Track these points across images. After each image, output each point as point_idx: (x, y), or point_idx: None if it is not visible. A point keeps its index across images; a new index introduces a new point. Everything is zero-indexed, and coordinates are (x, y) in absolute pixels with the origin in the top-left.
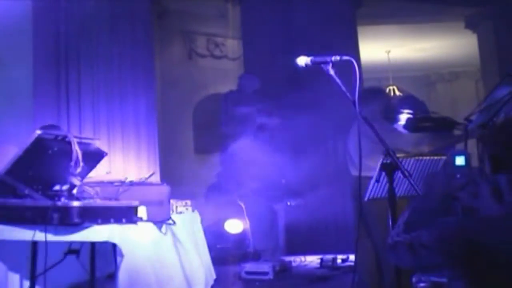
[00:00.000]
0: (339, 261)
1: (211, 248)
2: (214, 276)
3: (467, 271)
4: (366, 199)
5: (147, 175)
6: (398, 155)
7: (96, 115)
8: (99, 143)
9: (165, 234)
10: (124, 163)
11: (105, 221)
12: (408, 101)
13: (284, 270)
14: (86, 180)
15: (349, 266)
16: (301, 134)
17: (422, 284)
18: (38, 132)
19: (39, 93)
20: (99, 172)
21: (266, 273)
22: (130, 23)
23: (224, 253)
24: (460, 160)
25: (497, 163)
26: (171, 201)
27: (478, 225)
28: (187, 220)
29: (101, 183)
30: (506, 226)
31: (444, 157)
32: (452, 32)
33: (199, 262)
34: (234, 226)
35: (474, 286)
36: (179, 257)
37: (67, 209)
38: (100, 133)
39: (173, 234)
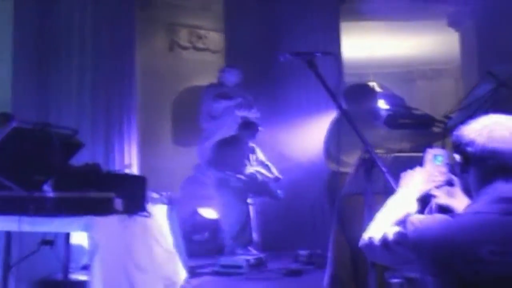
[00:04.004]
0: (314, 256)
1: (186, 240)
2: (187, 269)
3: (436, 268)
4: (343, 194)
5: (126, 167)
6: (377, 151)
7: (77, 106)
8: (78, 134)
9: (139, 226)
10: (105, 153)
11: (81, 212)
12: (388, 97)
13: (259, 264)
14: (66, 170)
15: (324, 261)
16: (280, 128)
17: (395, 280)
18: (15, 123)
19: (18, 84)
20: (79, 163)
21: (240, 267)
22: (112, 14)
23: (199, 245)
24: (437, 159)
25: (467, 162)
26: (148, 192)
27: (446, 223)
28: (162, 213)
29: (80, 174)
30: (470, 223)
31: (422, 154)
32: (435, 30)
33: (172, 254)
34: (208, 212)
35: (442, 282)
36: (152, 249)
37: (43, 200)
38: (82, 124)
39: (148, 227)
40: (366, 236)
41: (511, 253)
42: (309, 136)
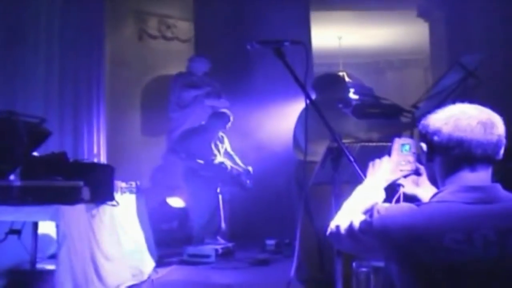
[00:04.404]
0: (281, 245)
1: (155, 229)
2: (155, 258)
3: (399, 255)
4: (311, 184)
5: (94, 156)
6: (345, 140)
7: (45, 95)
8: (46, 122)
9: (107, 215)
10: (73, 142)
11: (49, 201)
12: (357, 87)
13: (227, 253)
14: (33, 159)
15: (291, 251)
16: (248, 118)
17: (363, 269)
18: None
19: None
20: (47, 151)
21: (208, 256)
22: (81, 1)
23: (168, 235)
24: (405, 148)
25: (433, 151)
26: (116, 182)
27: (410, 211)
28: (130, 202)
29: (47, 163)
30: (434, 212)
31: (389, 144)
32: (405, 20)
33: (140, 244)
34: (176, 202)
35: (406, 270)
36: (120, 239)
37: (9, 188)
38: (49, 113)
39: (116, 216)
40: (333, 224)
41: (473, 241)
42: (277, 125)
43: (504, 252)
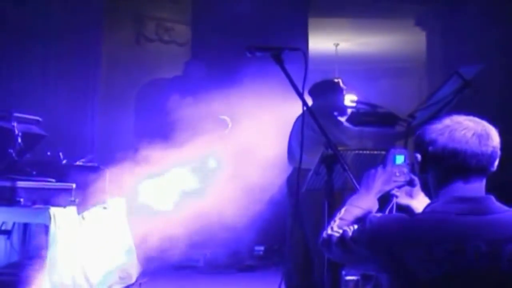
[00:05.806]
0: (270, 251)
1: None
2: (143, 262)
3: (390, 265)
4: (303, 190)
5: (87, 158)
6: (339, 148)
7: (41, 96)
8: (40, 124)
9: (97, 218)
10: (67, 144)
11: (41, 202)
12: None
13: (215, 259)
14: (26, 160)
15: (280, 257)
16: (244, 123)
17: (351, 277)
18: None
19: None
20: (40, 153)
21: (197, 261)
22: (79, 3)
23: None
24: (399, 159)
25: (427, 161)
26: (107, 184)
27: (402, 221)
28: (120, 205)
29: (40, 164)
30: (425, 222)
31: (383, 152)
32: (402, 29)
33: (129, 247)
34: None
35: (396, 279)
36: (109, 242)
37: (1, 189)
38: (44, 114)
39: (105, 218)
40: (325, 233)
41: (465, 252)
42: (271, 131)
43: (495, 263)
